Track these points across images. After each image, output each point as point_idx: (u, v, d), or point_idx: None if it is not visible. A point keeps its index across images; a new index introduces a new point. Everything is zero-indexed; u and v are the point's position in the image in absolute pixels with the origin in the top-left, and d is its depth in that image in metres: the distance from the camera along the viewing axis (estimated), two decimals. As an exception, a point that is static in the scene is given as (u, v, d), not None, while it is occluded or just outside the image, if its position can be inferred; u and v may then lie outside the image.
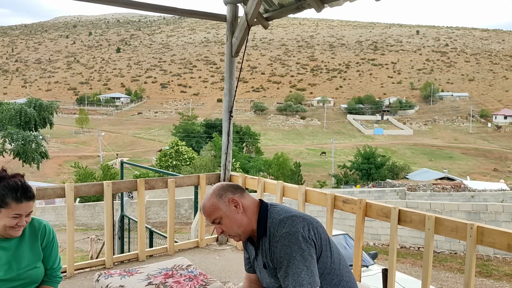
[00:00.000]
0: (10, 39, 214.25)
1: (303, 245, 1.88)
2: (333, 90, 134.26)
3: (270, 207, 2.08)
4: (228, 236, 2.11)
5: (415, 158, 70.34)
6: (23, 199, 2.19)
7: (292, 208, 2.11)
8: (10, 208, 2.16)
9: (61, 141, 78.58)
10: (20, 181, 2.23)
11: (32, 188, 2.30)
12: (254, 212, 2.07)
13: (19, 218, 2.19)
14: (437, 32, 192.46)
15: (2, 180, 2.21)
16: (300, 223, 1.94)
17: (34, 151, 9.48)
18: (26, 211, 2.22)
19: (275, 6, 4.76)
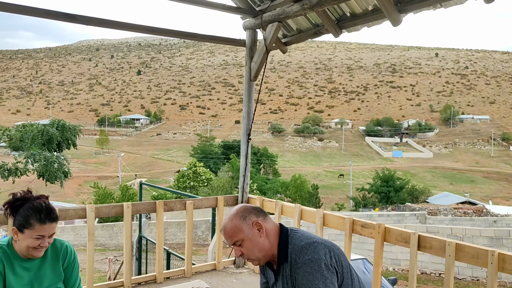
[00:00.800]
0: (35, 62, 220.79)
1: (325, 273, 1.86)
2: (351, 112, 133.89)
3: (290, 232, 2.06)
4: (247, 259, 2.08)
5: (436, 181, 69.17)
6: (47, 221, 2.23)
7: (312, 234, 2.10)
8: (34, 229, 2.21)
9: (82, 162, 79.77)
10: (44, 202, 2.29)
11: (56, 210, 2.35)
12: (275, 236, 2.05)
13: (42, 239, 2.23)
14: (457, 54, 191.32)
15: (27, 201, 2.27)
16: (322, 250, 1.92)
17: (57, 171, 9.70)
18: (49, 232, 2.26)
19: (293, 31, 4.85)
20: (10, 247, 2.29)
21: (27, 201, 2.28)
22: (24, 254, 2.28)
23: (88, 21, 3.77)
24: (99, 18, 3.84)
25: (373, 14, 3.99)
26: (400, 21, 3.69)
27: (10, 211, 2.29)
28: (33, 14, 3.60)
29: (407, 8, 3.70)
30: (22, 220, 2.22)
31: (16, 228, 2.24)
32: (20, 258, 2.29)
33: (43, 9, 3.61)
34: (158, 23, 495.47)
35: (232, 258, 4.82)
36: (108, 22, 3.87)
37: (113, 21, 3.91)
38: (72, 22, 3.74)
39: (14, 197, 2.31)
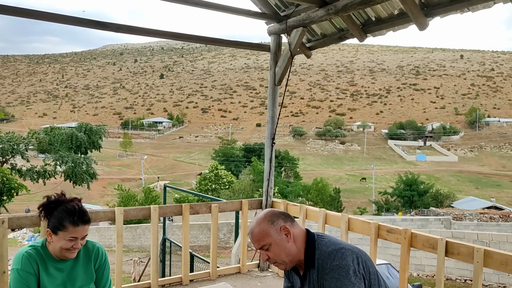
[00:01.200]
0: (61, 66, 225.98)
1: (353, 279, 1.87)
2: (373, 115, 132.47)
3: (317, 238, 2.06)
4: (274, 263, 2.09)
5: (461, 185, 67.83)
6: (80, 223, 2.30)
7: (339, 240, 2.10)
8: (67, 231, 2.27)
9: (106, 164, 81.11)
10: (77, 205, 2.36)
11: (88, 213, 2.41)
12: (302, 242, 2.05)
13: (75, 241, 2.30)
14: (482, 56, 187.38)
15: (61, 204, 2.35)
16: (349, 256, 1.92)
17: (83, 173, 9.94)
18: (82, 234, 2.33)
19: (317, 36, 4.87)
20: (44, 248, 2.36)
21: (61, 203, 2.35)
22: (57, 255, 2.35)
23: (117, 28, 3.87)
24: (128, 25, 3.94)
25: (399, 18, 3.99)
26: (426, 25, 3.68)
27: (44, 213, 2.36)
28: (66, 22, 3.72)
29: (433, 12, 3.68)
30: (56, 222, 2.29)
31: (50, 230, 2.31)
32: (53, 259, 2.36)
33: (75, 17, 3.73)
34: (180, 27, 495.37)
35: (256, 262, 4.86)
36: (136, 29, 3.97)
37: (141, 28, 4.01)
38: (103, 30, 3.85)
39: (48, 199, 2.38)
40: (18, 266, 2.28)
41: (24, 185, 9.16)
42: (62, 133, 10.34)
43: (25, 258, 2.29)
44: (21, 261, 2.28)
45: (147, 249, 25.95)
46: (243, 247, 4.71)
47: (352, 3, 3.65)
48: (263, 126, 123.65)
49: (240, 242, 4.83)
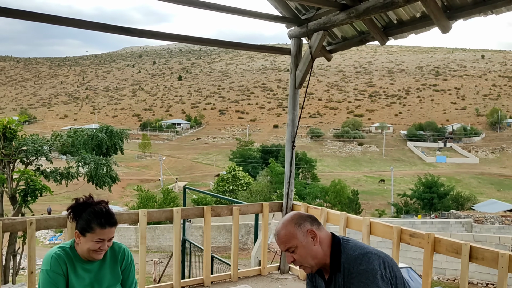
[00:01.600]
0: (81, 69, 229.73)
1: (380, 284, 1.87)
2: (392, 116, 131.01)
3: (343, 242, 2.06)
4: (299, 266, 2.09)
5: (482, 188, 66.58)
6: (107, 225, 2.34)
7: (365, 244, 2.10)
8: (95, 233, 2.32)
9: (125, 165, 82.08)
10: (104, 207, 2.40)
11: (115, 215, 2.45)
12: (328, 245, 2.05)
13: (102, 242, 2.34)
14: (504, 56, 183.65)
15: (89, 206, 2.39)
16: (376, 261, 1.92)
17: (105, 175, 10.12)
18: (109, 236, 2.37)
19: (338, 39, 4.88)
20: (72, 249, 2.41)
21: (88, 206, 2.39)
22: (85, 256, 2.40)
23: (141, 33, 3.95)
24: (151, 30, 4.01)
25: (421, 21, 3.97)
26: (449, 28, 3.65)
27: (73, 215, 2.41)
28: (91, 28, 3.81)
29: (456, 15, 3.66)
30: (84, 224, 2.34)
31: (78, 231, 2.36)
32: (81, 260, 2.41)
33: (100, 23, 3.81)
34: (196, 29, 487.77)
35: (277, 264, 4.88)
36: (159, 34, 4.04)
37: (164, 33, 4.08)
38: (127, 35, 3.93)
39: (76, 202, 2.42)
40: (47, 267, 2.33)
41: (48, 186, 9.36)
42: (84, 134, 10.56)
43: (54, 259, 2.34)
44: (50, 262, 2.33)
45: (166, 250, 26.19)
46: (264, 249, 4.74)
47: (374, 7, 3.65)
48: (280, 128, 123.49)
49: (260, 244, 4.85)
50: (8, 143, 9.53)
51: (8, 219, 3.50)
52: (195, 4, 3.97)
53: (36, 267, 3.70)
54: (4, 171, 9.62)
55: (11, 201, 9.57)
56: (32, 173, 9.34)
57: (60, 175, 9.87)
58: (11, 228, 3.47)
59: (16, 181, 9.45)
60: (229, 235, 25.72)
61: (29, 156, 9.70)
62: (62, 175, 9.92)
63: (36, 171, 9.78)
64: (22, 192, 9.29)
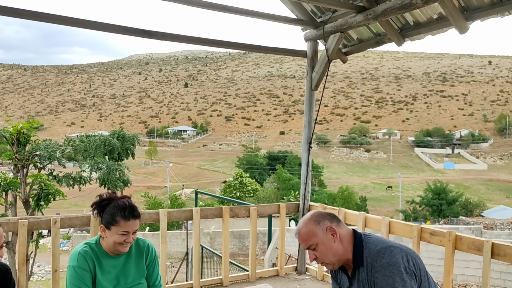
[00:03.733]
0: (88, 76, 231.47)
1: (404, 276, 1.89)
2: (399, 123, 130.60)
3: (364, 237, 2.09)
4: (321, 263, 2.13)
5: (491, 194, 66.05)
6: (131, 218, 2.40)
7: (386, 238, 2.14)
8: (119, 226, 2.37)
9: (132, 172, 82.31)
10: (128, 201, 2.46)
11: (138, 208, 2.51)
12: (349, 242, 2.08)
13: (126, 235, 2.39)
14: (511, 62, 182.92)
15: (112, 201, 2.45)
16: (399, 254, 1.94)
17: (117, 179, 10.19)
18: (133, 228, 2.42)
19: (354, 41, 4.93)
20: (98, 245, 2.47)
21: (112, 201, 2.45)
22: (111, 250, 2.45)
23: (162, 36, 4.02)
24: (172, 33, 4.08)
25: (438, 22, 4.01)
26: (467, 29, 3.69)
27: (97, 211, 2.47)
28: (113, 31, 3.88)
29: (474, 16, 3.70)
30: (108, 218, 2.40)
31: (103, 225, 2.42)
32: (107, 256, 2.46)
33: (123, 26, 3.89)
34: (208, 34, 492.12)
35: (294, 265, 4.90)
36: (180, 37, 4.11)
37: (185, 36, 4.15)
38: (148, 38, 4.00)
39: (100, 198, 2.49)
40: (74, 263, 2.38)
41: (61, 191, 9.44)
42: (96, 139, 10.66)
43: (81, 256, 2.39)
44: (77, 259, 2.38)
45: (174, 256, 26.17)
46: (281, 249, 4.76)
47: (391, 8, 3.70)
48: (286, 134, 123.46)
49: (274, 247, 4.87)
50: (21, 148, 9.64)
51: (33, 217, 3.56)
52: (213, 7, 4.03)
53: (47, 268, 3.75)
54: (18, 175, 9.72)
55: (24, 206, 9.65)
56: (46, 178, 9.43)
57: (73, 179, 9.95)
58: (36, 226, 3.53)
59: (30, 185, 9.54)
60: (238, 242, 25.71)
61: (42, 161, 9.80)
62: (75, 179, 10.00)
63: (49, 175, 9.87)
64: (36, 196, 9.39)
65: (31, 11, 3.45)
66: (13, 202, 9.69)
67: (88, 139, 10.65)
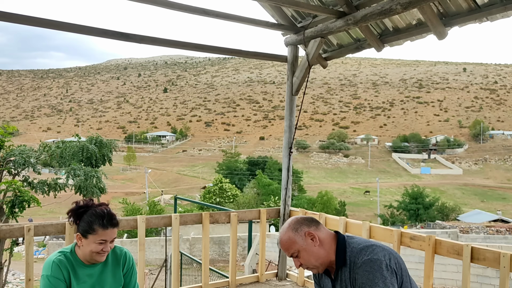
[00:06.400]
0: (65, 81, 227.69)
1: (385, 273, 1.89)
2: (377, 128, 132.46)
3: (347, 238, 2.10)
4: (306, 268, 2.13)
5: (466, 199, 67.45)
6: (109, 226, 2.32)
7: (370, 239, 2.15)
8: (97, 234, 2.29)
9: (110, 178, 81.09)
10: (106, 209, 2.38)
11: (116, 216, 2.43)
12: (331, 244, 2.08)
13: (104, 244, 2.32)
14: (485, 69, 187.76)
15: (90, 208, 2.36)
16: (381, 252, 1.96)
17: (94, 187, 9.99)
18: (111, 237, 2.34)
19: (334, 46, 4.94)
20: (73, 254, 2.38)
21: (89, 208, 2.36)
22: (87, 259, 2.37)
23: (141, 39, 3.95)
24: (151, 36, 4.02)
25: (417, 28, 4.05)
26: (445, 35, 3.74)
27: (74, 218, 2.38)
28: (90, 33, 3.80)
29: (452, 22, 3.75)
30: (85, 226, 2.31)
31: (80, 234, 2.33)
32: (83, 265, 2.38)
33: (100, 29, 3.81)
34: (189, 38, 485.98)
35: (274, 271, 4.86)
36: (159, 41, 4.05)
37: (164, 39, 4.08)
38: (126, 41, 3.92)
39: (77, 205, 2.40)
40: (48, 273, 2.29)
41: (37, 198, 9.19)
42: (73, 145, 10.44)
43: (55, 265, 2.31)
44: (51, 268, 2.30)
45: (152, 263, 25.82)
46: (262, 255, 4.72)
47: (371, 14, 3.72)
48: (266, 140, 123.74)
49: (254, 253, 4.83)
50: (-5, 153, 9.37)
51: (5, 225, 3.43)
52: (193, 10, 3.99)
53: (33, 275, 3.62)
54: (-9, 182, 9.43)
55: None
56: (21, 184, 9.17)
57: (48, 186, 9.73)
58: (9, 234, 3.40)
59: (3, 192, 9.27)
60: (217, 248, 25.51)
61: (16, 167, 9.54)
62: (50, 186, 9.78)
63: (24, 182, 9.61)
64: (10, 203, 9.11)
65: (6, 12, 3.34)
66: (-15, 209, 9.39)
67: (64, 145, 10.43)
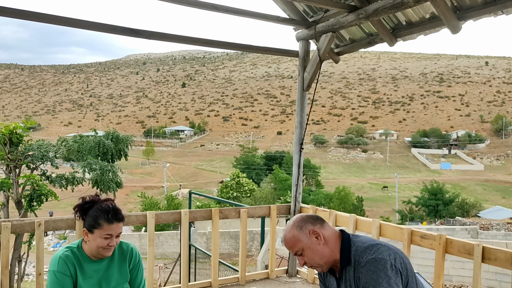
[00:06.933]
0: (86, 76, 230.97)
1: (389, 273, 1.86)
2: (396, 123, 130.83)
3: (352, 237, 2.08)
4: (311, 267, 2.12)
5: (487, 195, 66.21)
6: (114, 220, 2.35)
7: (375, 239, 2.11)
8: (103, 229, 2.32)
9: (129, 172, 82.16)
10: (111, 204, 2.41)
11: (122, 211, 2.46)
12: (335, 242, 2.06)
13: (110, 238, 2.35)
14: (508, 63, 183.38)
15: (96, 204, 2.40)
16: (386, 251, 1.93)
17: (110, 181, 10.12)
18: (117, 231, 2.37)
19: (346, 41, 4.87)
20: (80, 249, 2.42)
21: (95, 203, 2.40)
22: (93, 254, 2.40)
23: (150, 35, 3.95)
24: (160, 32, 4.01)
25: (430, 22, 3.96)
26: (459, 29, 3.64)
27: (80, 214, 2.42)
28: (100, 29, 3.81)
29: (466, 16, 3.65)
30: (91, 221, 2.35)
31: (86, 229, 2.37)
32: (89, 260, 2.41)
33: (110, 25, 3.82)
34: (204, 34, 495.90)
35: (285, 268, 4.84)
36: (168, 36, 4.04)
37: (173, 35, 4.08)
38: (136, 37, 3.93)
39: (83, 200, 2.44)
40: (55, 268, 2.33)
41: (54, 192, 9.35)
42: (90, 140, 10.59)
43: (62, 260, 2.34)
44: (58, 263, 2.34)
45: (170, 256, 26.12)
46: (272, 252, 4.70)
47: (383, 8, 3.64)
48: (284, 134, 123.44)
49: (267, 248, 4.81)
50: (14, 148, 9.54)
51: (16, 220, 3.49)
52: (203, 6, 3.97)
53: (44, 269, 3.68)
54: (10, 176, 9.62)
55: (16, 206, 9.56)
56: (38, 178, 9.34)
57: (66, 180, 9.89)
58: (20, 229, 3.45)
59: (22, 186, 9.45)
60: (234, 242, 25.63)
61: (35, 161, 9.71)
62: (68, 180, 9.94)
63: (42, 176, 9.79)
64: (28, 197, 9.29)
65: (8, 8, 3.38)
66: (5, 203, 9.59)
67: (81, 139, 10.61)
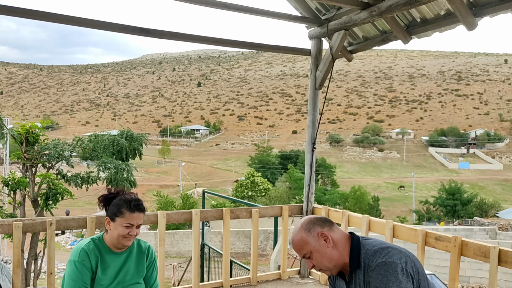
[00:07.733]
0: (103, 76, 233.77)
1: (400, 277, 1.81)
2: (413, 122, 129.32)
3: (362, 240, 2.02)
4: (319, 270, 2.07)
5: (506, 195, 64.99)
6: (136, 210, 2.45)
7: (386, 241, 2.06)
8: (124, 217, 2.42)
9: (145, 171, 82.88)
10: (134, 195, 2.53)
11: (144, 202, 2.55)
12: (345, 245, 2.01)
13: (131, 228, 2.43)
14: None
15: (120, 194, 2.52)
16: (397, 255, 1.87)
17: (124, 180, 10.20)
18: (137, 221, 2.46)
19: (359, 39, 4.79)
20: (101, 241, 2.51)
21: (119, 194, 2.52)
22: (114, 244, 2.48)
23: (161, 34, 3.94)
24: (171, 31, 4.00)
25: (446, 19, 3.87)
26: (475, 26, 3.54)
27: (104, 204, 2.53)
28: (111, 29, 3.82)
29: (482, 12, 3.55)
30: (114, 209, 2.45)
31: (109, 218, 2.47)
32: (110, 251, 2.50)
33: (120, 24, 3.82)
34: (217, 34, 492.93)
35: (297, 268, 4.79)
36: (179, 35, 4.03)
37: (184, 34, 4.06)
38: (147, 36, 3.93)
39: (109, 191, 2.57)
40: (76, 258, 2.41)
41: (70, 190, 9.46)
42: (104, 139, 10.69)
43: (83, 251, 2.42)
44: (79, 254, 2.41)
45: (185, 255, 26.23)
46: (284, 253, 4.66)
47: (396, 4, 3.57)
48: (299, 133, 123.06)
49: (280, 248, 4.77)
50: (30, 147, 9.68)
51: (28, 219, 3.52)
52: (214, 4, 3.95)
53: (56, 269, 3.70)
54: (27, 175, 9.77)
55: (33, 205, 9.70)
56: (54, 177, 9.46)
57: (81, 179, 10.00)
58: (31, 228, 3.48)
59: (38, 185, 9.59)
60: (248, 241, 25.63)
61: (51, 160, 9.84)
62: (83, 179, 10.05)
63: (58, 175, 9.91)
64: (44, 195, 9.43)
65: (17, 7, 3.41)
66: (21, 202, 9.74)
67: (96, 139, 10.72)
